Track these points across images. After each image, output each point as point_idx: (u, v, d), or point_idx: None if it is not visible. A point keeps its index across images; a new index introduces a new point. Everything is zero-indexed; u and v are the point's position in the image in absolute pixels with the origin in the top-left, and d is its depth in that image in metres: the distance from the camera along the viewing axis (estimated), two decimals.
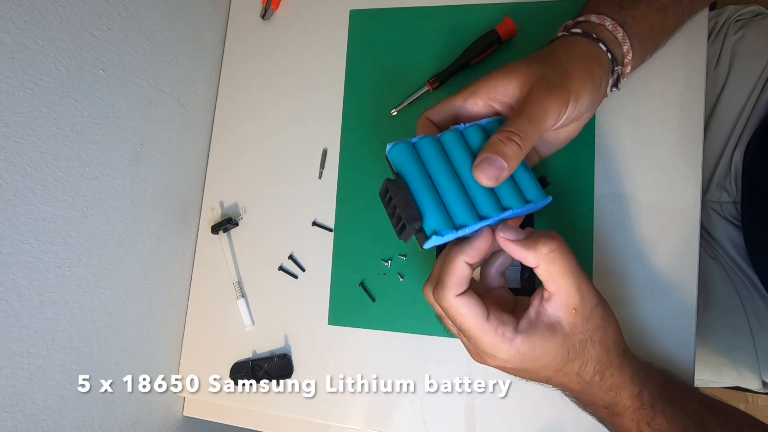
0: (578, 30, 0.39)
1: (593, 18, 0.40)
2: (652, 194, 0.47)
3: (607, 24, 0.39)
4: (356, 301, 0.52)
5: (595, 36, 0.39)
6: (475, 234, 0.34)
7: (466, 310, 0.33)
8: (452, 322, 0.35)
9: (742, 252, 0.61)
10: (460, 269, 0.33)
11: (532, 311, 0.34)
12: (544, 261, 0.33)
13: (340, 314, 0.52)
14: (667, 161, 0.47)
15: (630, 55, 0.40)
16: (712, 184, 0.63)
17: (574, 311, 0.33)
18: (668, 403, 0.37)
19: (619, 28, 0.39)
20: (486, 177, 0.33)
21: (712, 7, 0.57)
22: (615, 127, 0.49)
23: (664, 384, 0.38)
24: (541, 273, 0.33)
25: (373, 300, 0.51)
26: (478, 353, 0.36)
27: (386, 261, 0.51)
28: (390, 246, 0.52)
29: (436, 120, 0.39)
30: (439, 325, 0.48)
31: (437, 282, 0.35)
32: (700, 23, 0.48)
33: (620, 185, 0.48)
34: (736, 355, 0.61)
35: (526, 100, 0.35)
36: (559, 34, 0.41)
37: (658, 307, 0.45)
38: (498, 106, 0.37)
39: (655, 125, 0.48)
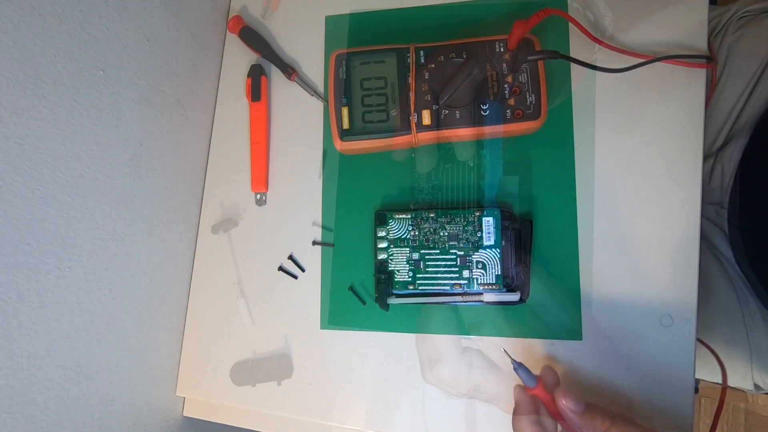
0: None
1: None
2: (652, 194, 0.47)
3: None
4: (356, 301, 0.52)
5: None
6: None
7: None
8: None
9: (739, 253, 0.61)
10: None
11: None
12: None
13: (340, 315, 0.52)
14: (667, 161, 0.47)
15: None
16: (709, 184, 0.63)
17: None
18: None
19: None
20: None
21: (714, 3, 0.56)
22: (614, 128, 0.49)
23: None
24: None
25: (369, 302, 0.51)
26: None
27: None
28: None
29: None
30: (440, 325, 0.49)
31: None
32: (700, 23, 0.48)
33: (620, 186, 0.47)
34: (731, 355, 0.61)
35: None
36: None
37: (658, 307, 0.45)
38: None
39: (656, 125, 0.48)
